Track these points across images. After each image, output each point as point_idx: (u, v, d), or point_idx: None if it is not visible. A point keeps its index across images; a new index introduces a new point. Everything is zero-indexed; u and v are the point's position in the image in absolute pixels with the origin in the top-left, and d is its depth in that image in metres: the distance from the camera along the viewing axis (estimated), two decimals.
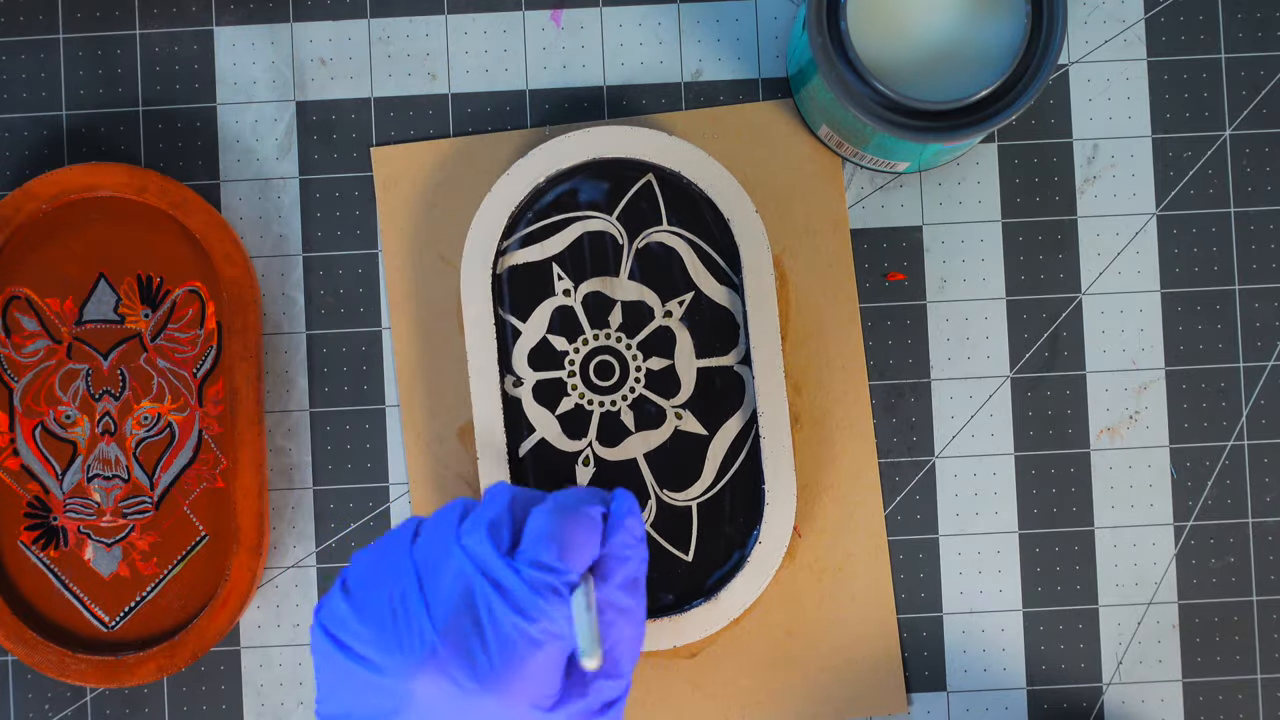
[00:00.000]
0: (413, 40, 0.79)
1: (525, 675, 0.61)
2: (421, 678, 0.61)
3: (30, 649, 0.76)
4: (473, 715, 0.61)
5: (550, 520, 0.63)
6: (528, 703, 0.61)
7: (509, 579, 0.62)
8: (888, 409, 0.79)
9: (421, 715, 0.61)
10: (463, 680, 0.61)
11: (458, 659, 0.61)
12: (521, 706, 0.61)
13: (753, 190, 0.79)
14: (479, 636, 0.61)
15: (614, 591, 0.64)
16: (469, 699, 0.61)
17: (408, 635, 0.61)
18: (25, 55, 0.79)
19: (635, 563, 0.64)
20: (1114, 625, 0.78)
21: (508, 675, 0.61)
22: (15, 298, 0.78)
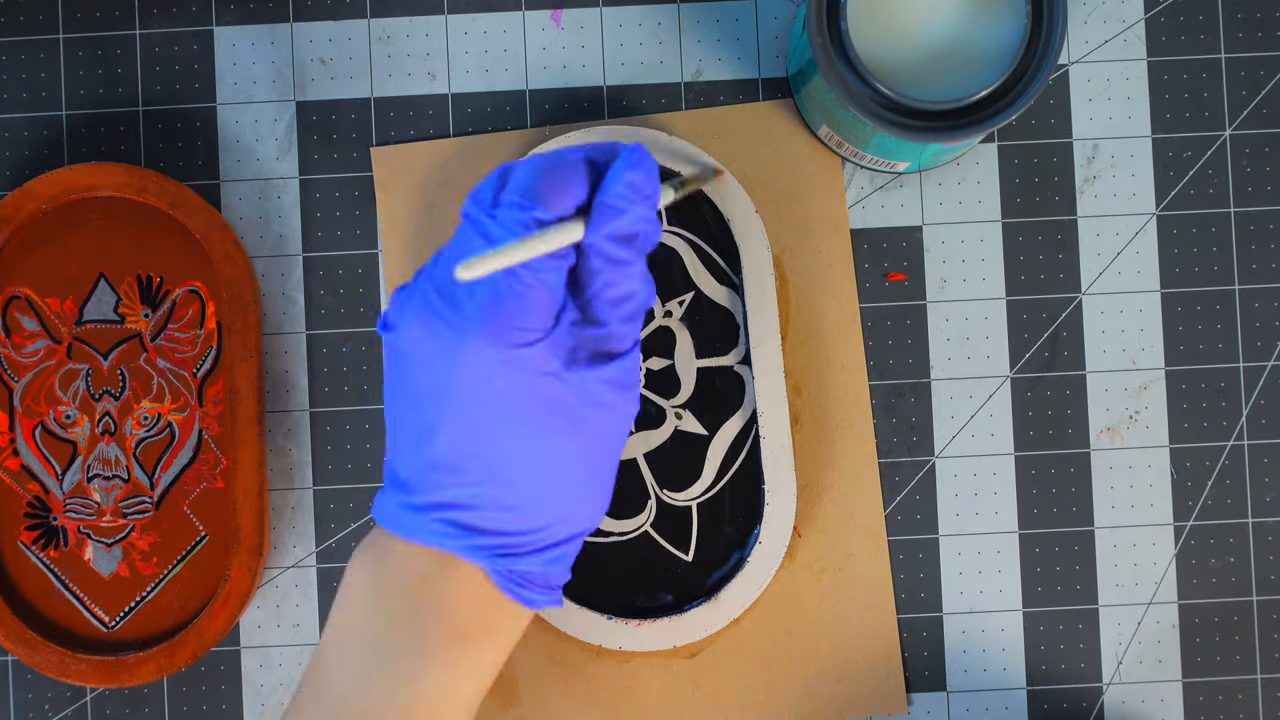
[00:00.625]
0: (413, 40, 0.79)
1: (505, 310, 0.62)
2: (415, 326, 0.63)
3: (30, 649, 0.76)
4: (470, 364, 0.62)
5: (529, 168, 0.64)
6: (512, 339, 0.62)
7: (491, 228, 0.63)
8: (888, 409, 0.79)
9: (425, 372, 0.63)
10: (450, 318, 0.63)
11: (442, 301, 0.63)
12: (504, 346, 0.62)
13: (753, 190, 0.79)
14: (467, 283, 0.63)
15: (601, 240, 0.63)
16: (456, 339, 0.62)
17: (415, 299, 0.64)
18: (25, 55, 0.79)
19: (630, 217, 0.63)
20: (1114, 625, 0.78)
21: (490, 310, 0.62)
22: (15, 298, 0.78)
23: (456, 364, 0.63)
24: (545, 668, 0.78)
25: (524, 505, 0.64)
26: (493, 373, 0.62)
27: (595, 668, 0.78)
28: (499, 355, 0.62)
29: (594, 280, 0.64)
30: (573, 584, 0.78)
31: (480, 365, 0.62)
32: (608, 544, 0.78)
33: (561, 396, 0.63)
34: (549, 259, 0.62)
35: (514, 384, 0.63)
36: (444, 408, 0.63)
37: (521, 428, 0.63)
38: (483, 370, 0.62)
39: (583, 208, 0.64)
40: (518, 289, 0.62)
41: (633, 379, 0.65)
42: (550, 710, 0.78)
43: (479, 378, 0.63)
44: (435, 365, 0.63)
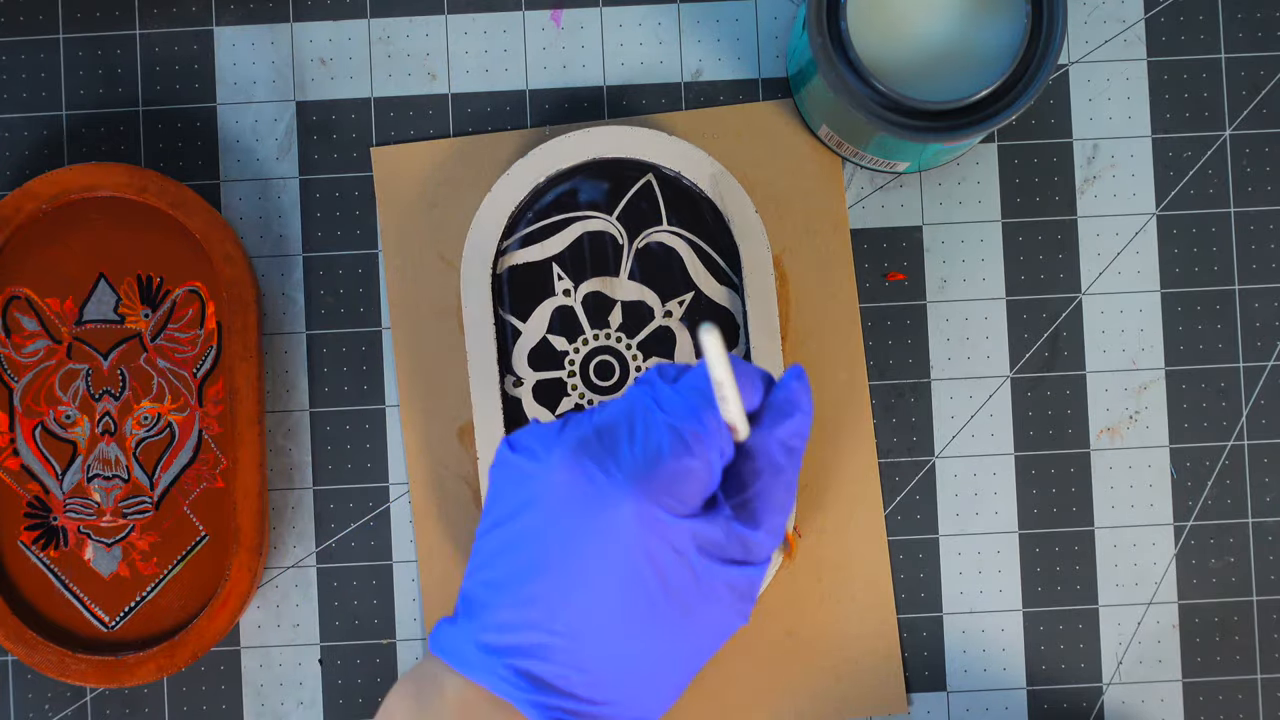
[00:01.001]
0: (413, 40, 0.79)
1: (664, 473, 0.61)
2: (566, 463, 0.61)
3: (30, 649, 0.76)
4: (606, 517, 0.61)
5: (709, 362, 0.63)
6: (661, 505, 0.60)
7: (667, 395, 0.62)
8: (888, 409, 0.79)
9: (556, 502, 0.61)
10: (605, 464, 0.61)
11: (604, 448, 0.61)
12: (654, 507, 0.60)
13: (753, 190, 0.79)
14: (629, 434, 0.61)
15: (768, 438, 0.63)
16: (608, 489, 0.60)
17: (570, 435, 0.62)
18: (25, 55, 0.79)
19: (796, 423, 0.63)
20: (1114, 625, 0.78)
21: (647, 468, 0.61)
22: (15, 298, 0.78)
23: (594, 511, 0.61)
24: None
25: (603, 677, 0.62)
26: (628, 532, 0.60)
27: None
28: (642, 516, 0.60)
29: (756, 481, 0.63)
30: None
31: (619, 521, 0.60)
32: None
33: (684, 582, 0.61)
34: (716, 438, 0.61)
35: (646, 551, 0.61)
36: (560, 552, 0.61)
37: (633, 598, 0.61)
38: (620, 527, 0.60)
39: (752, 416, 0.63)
40: (683, 457, 0.61)
41: (754, 591, 0.63)
42: None
43: (612, 533, 0.60)
44: (569, 507, 0.61)
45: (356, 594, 0.78)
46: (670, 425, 0.61)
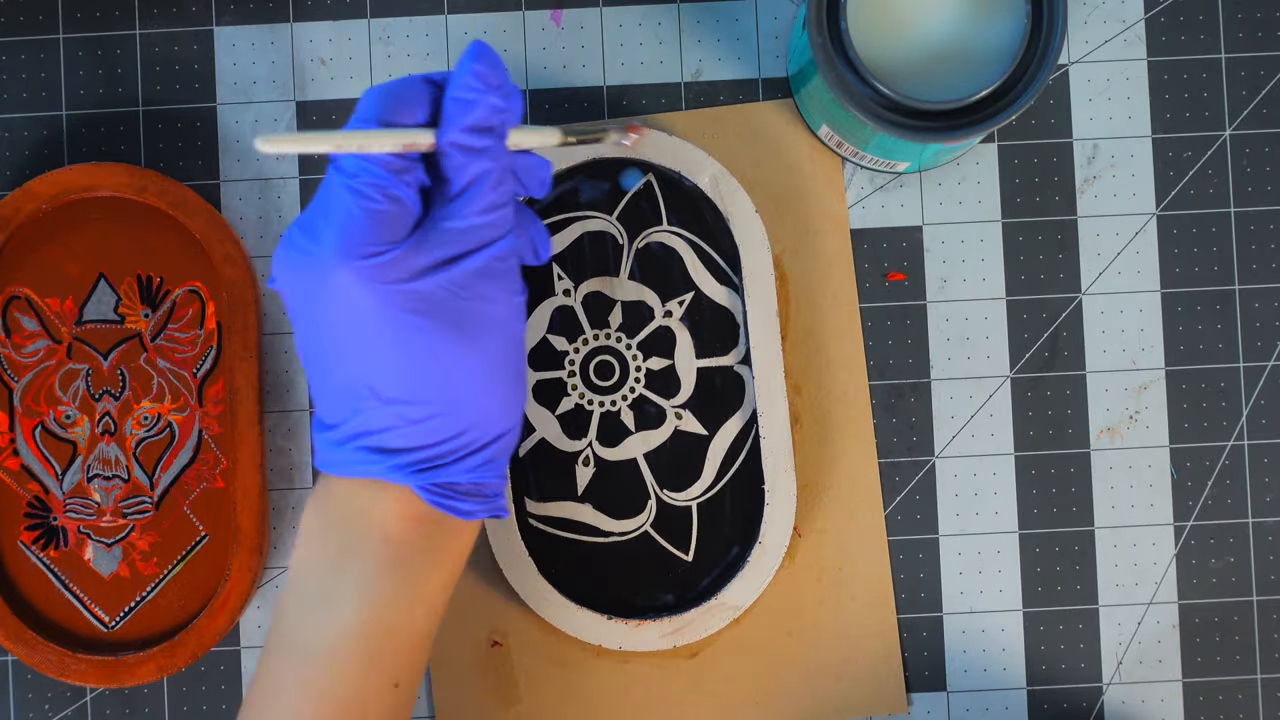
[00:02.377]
0: (413, 40, 0.79)
1: (358, 231, 0.62)
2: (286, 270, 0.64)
3: (30, 649, 0.76)
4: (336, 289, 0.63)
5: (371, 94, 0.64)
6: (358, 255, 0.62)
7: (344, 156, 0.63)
8: (888, 409, 0.79)
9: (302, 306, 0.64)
10: (308, 249, 0.63)
11: (302, 231, 0.64)
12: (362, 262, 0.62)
13: (752, 190, 0.79)
14: (323, 212, 0.63)
15: (458, 134, 0.63)
16: (319, 267, 0.63)
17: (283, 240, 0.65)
18: (25, 55, 0.79)
19: (483, 107, 0.63)
20: (1114, 625, 0.78)
21: (342, 235, 0.62)
22: (15, 298, 0.78)
23: (324, 293, 0.63)
24: (545, 668, 0.78)
25: (428, 417, 0.64)
26: (354, 293, 0.63)
27: (595, 668, 0.78)
28: (353, 273, 0.62)
29: (456, 178, 0.64)
30: (573, 584, 0.78)
31: (342, 288, 0.63)
32: (608, 544, 0.78)
33: (431, 300, 0.63)
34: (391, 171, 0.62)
35: (377, 299, 0.63)
36: (328, 339, 0.64)
37: (399, 340, 0.63)
38: (345, 292, 0.63)
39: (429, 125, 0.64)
40: (363, 205, 0.62)
41: (506, 267, 0.65)
42: (550, 710, 0.78)
43: (344, 301, 0.63)
44: (311, 301, 0.64)
45: None
46: (347, 186, 0.62)
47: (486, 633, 0.78)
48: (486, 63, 0.64)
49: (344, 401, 0.65)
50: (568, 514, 0.78)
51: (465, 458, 0.66)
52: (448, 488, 0.66)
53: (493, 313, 0.65)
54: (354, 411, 0.65)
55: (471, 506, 0.66)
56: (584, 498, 0.78)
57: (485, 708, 0.78)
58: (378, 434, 0.65)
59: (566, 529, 0.78)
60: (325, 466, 0.66)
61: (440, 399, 0.64)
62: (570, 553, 0.78)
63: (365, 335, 0.63)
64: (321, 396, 0.66)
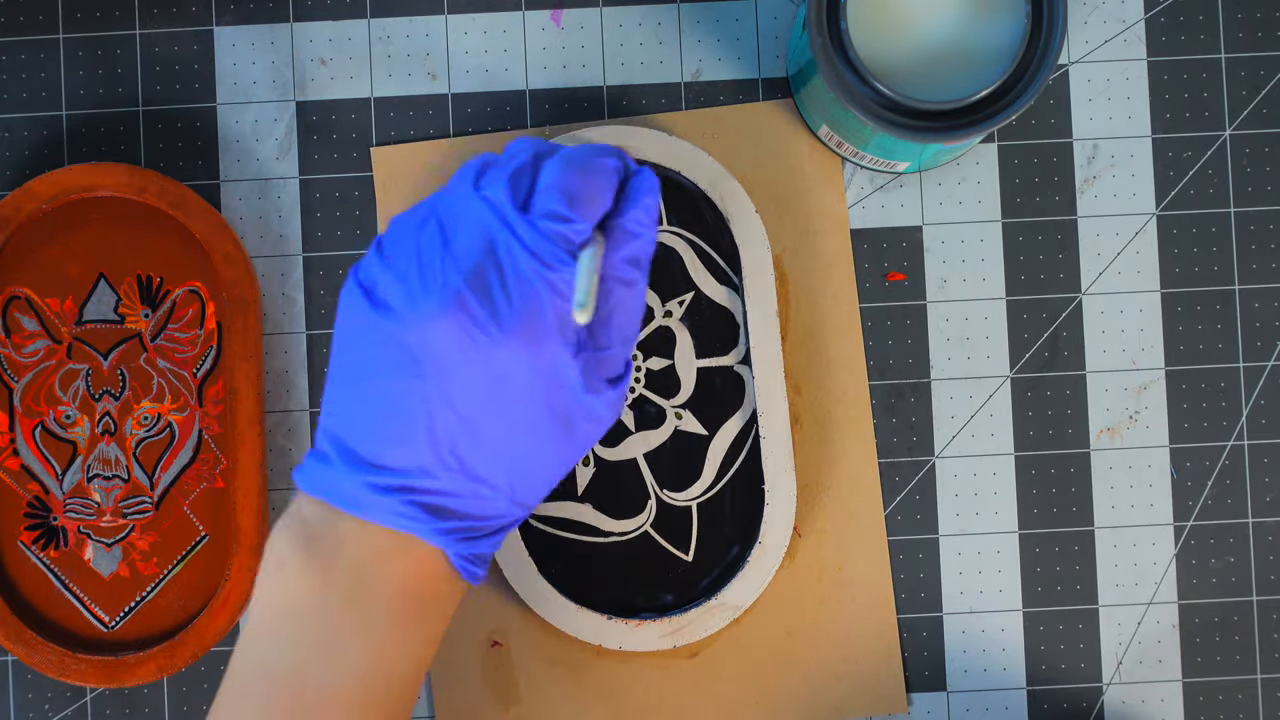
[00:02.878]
0: (413, 40, 0.79)
1: (546, 319, 0.61)
2: (443, 321, 0.61)
3: (30, 649, 0.76)
4: (493, 364, 0.61)
5: (563, 171, 0.63)
6: (551, 347, 0.62)
7: (525, 229, 0.62)
8: (888, 409, 0.79)
9: (441, 365, 0.62)
10: (484, 322, 0.61)
11: (480, 301, 0.61)
12: (544, 350, 0.61)
13: (752, 190, 0.79)
14: (500, 281, 0.61)
15: (618, 263, 0.63)
16: (491, 344, 0.61)
17: (432, 280, 0.62)
18: (25, 55, 0.79)
19: (643, 241, 0.64)
20: (1114, 625, 0.78)
21: (529, 317, 0.61)
22: (15, 298, 0.78)
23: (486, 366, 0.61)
24: (545, 668, 0.78)
25: (496, 494, 0.64)
26: (517, 374, 0.62)
27: (595, 668, 0.78)
28: (532, 360, 0.62)
29: (610, 303, 0.64)
30: (573, 584, 0.78)
31: (507, 365, 0.62)
32: (608, 544, 0.78)
33: (570, 409, 0.63)
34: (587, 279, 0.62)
35: (535, 390, 0.62)
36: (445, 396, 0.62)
37: (525, 429, 0.63)
38: (508, 370, 0.62)
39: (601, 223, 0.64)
40: (554, 300, 0.62)
41: (622, 400, 0.66)
42: (550, 710, 0.78)
43: (502, 377, 0.62)
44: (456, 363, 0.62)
45: None
46: (538, 270, 0.61)
47: (486, 633, 0.78)
48: (656, 197, 0.65)
49: (413, 452, 0.62)
50: (568, 514, 0.78)
51: (499, 531, 0.65)
52: (476, 556, 0.65)
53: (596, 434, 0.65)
54: (420, 467, 0.63)
55: (482, 571, 0.66)
56: (584, 498, 0.78)
57: (485, 708, 0.78)
58: (438, 495, 0.63)
59: (566, 529, 0.78)
60: (349, 505, 0.63)
61: (518, 481, 0.64)
62: (570, 553, 0.78)
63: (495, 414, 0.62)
64: (373, 434, 0.63)
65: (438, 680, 0.78)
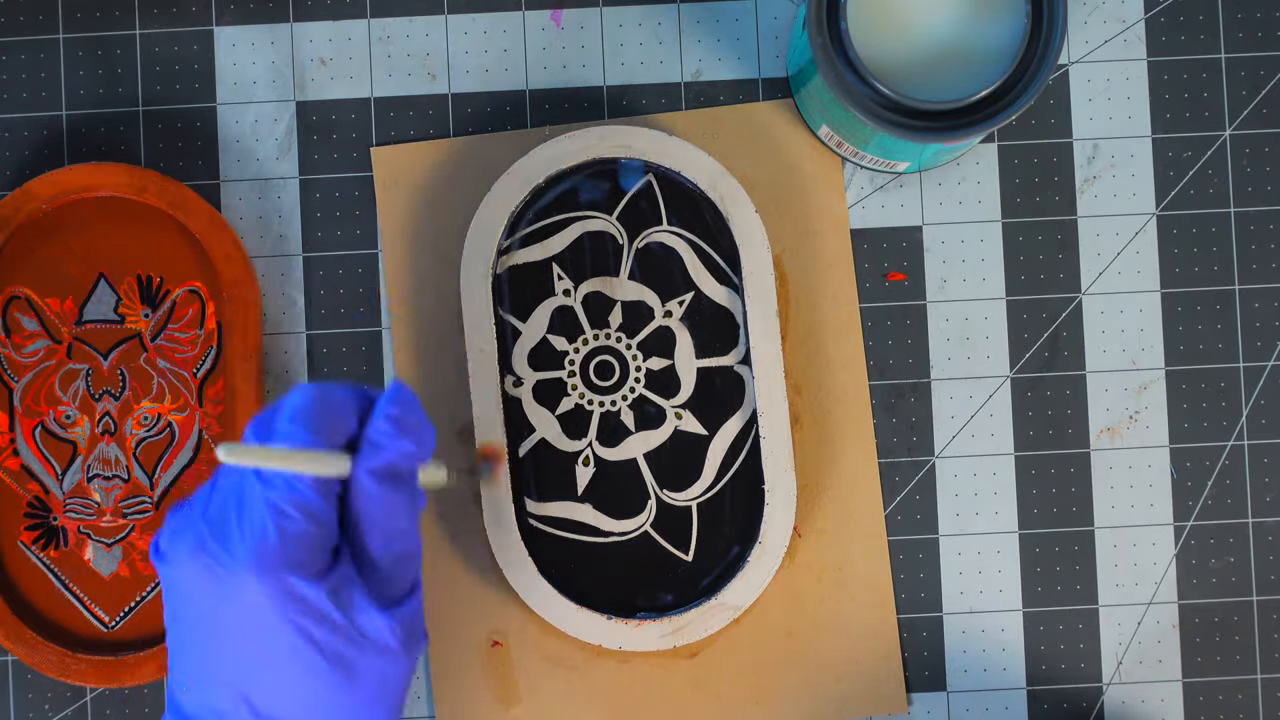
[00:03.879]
0: (413, 40, 0.79)
1: (275, 545, 0.61)
2: (190, 563, 0.62)
3: (30, 649, 0.76)
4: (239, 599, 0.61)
5: (301, 395, 0.63)
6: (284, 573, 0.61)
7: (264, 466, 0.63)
8: (888, 409, 0.79)
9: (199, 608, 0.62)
10: (216, 553, 0.61)
11: (216, 538, 0.62)
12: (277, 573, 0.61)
13: (752, 190, 0.79)
14: (236, 518, 0.62)
15: (362, 474, 0.63)
16: (229, 575, 0.61)
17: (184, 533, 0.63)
18: (25, 55, 0.79)
19: (391, 452, 0.63)
20: (1114, 625, 0.78)
21: (253, 541, 0.61)
22: (15, 298, 0.78)
23: (229, 604, 0.62)
24: (545, 668, 0.78)
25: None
26: (265, 614, 0.61)
27: (595, 668, 0.78)
28: (270, 594, 0.61)
29: (364, 519, 0.63)
30: (573, 584, 0.78)
31: (253, 606, 0.61)
32: (608, 544, 0.78)
33: (337, 643, 0.62)
34: (315, 492, 0.62)
35: (289, 628, 0.62)
36: (218, 647, 0.62)
37: (295, 674, 0.62)
38: (255, 611, 0.61)
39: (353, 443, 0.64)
40: (287, 525, 0.61)
41: (416, 625, 0.64)
42: (550, 710, 0.78)
43: (251, 619, 0.62)
44: (208, 603, 0.62)
45: None
46: (267, 500, 0.61)
47: (486, 633, 0.78)
48: (400, 406, 0.64)
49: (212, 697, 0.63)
50: (568, 514, 0.78)
51: None
52: None
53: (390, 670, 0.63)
54: (217, 714, 0.63)
55: None
56: (584, 498, 0.78)
57: (485, 708, 0.78)
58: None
59: (566, 529, 0.78)
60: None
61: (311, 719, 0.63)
62: (570, 553, 0.78)
63: (260, 660, 0.62)
64: (184, 689, 0.64)
65: (438, 680, 0.78)
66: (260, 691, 0.62)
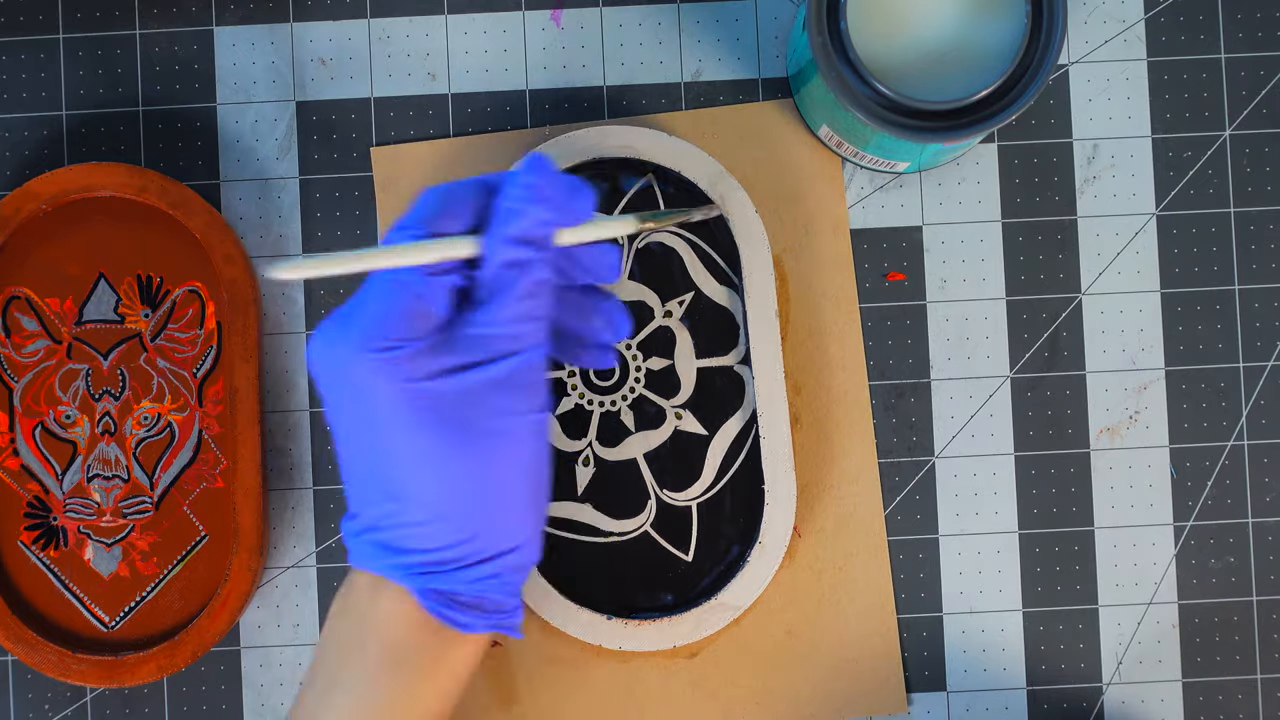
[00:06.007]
0: (413, 40, 0.79)
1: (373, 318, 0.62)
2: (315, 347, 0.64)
3: (30, 649, 0.76)
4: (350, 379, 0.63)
5: (420, 203, 0.64)
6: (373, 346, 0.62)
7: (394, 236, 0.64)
8: (888, 409, 0.79)
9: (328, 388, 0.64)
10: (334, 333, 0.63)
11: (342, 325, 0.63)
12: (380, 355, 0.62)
13: (753, 190, 0.79)
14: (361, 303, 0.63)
15: (501, 243, 0.63)
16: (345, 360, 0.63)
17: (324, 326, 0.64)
18: (25, 55, 0.79)
19: (528, 219, 0.63)
20: (1114, 625, 0.78)
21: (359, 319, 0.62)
22: (15, 298, 0.78)
23: (346, 384, 0.63)
24: (545, 668, 0.78)
25: (432, 521, 0.63)
26: (369, 385, 0.62)
27: (595, 668, 0.78)
28: (369, 365, 0.62)
29: (494, 286, 0.63)
30: (573, 584, 0.78)
31: (359, 379, 0.62)
32: (608, 544, 0.78)
33: (447, 404, 0.62)
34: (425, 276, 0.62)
35: (389, 394, 0.62)
36: (350, 428, 0.64)
37: (407, 439, 0.63)
38: (362, 384, 0.62)
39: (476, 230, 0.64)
40: (387, 298, 0.62)
41: (530, 380, 0.64)
42: (550, 710, 0.78)
43: (362, 393, 0.62)
44: (337, 390, 0.63)
45: None
46: (380, 280, 0.63)
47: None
48: (538, 173, 0.64)
49: (361, 492, 0.64)
50: (568, 514, 0.78)
51: (466, 568, 0.64)
52: (447, 596, 0.64)
53: (508, 425, 0.63)
54: (368, 503, 0.64)
55: (470, 619, 0.65)
56: (584, 498, 0.78)
57: (485, 708, 0.78)
58: (385, 530, 0.64)
59: (566, 529, 0.78)
60: (348, 556, 0.66)
61: (442, 504, 0.63)
62: (570, 553, 0.78)
63: (376, 429, 0.63)
64: (347, 483, 0.65)
65: None
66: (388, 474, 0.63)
